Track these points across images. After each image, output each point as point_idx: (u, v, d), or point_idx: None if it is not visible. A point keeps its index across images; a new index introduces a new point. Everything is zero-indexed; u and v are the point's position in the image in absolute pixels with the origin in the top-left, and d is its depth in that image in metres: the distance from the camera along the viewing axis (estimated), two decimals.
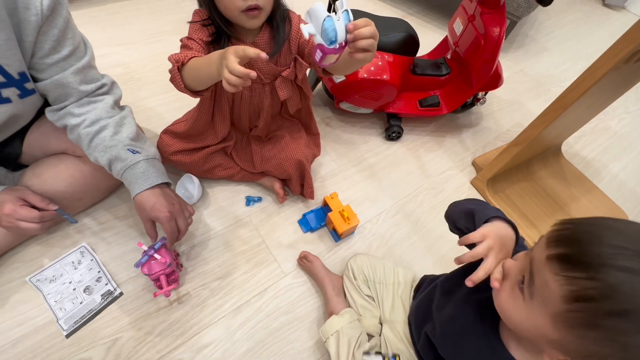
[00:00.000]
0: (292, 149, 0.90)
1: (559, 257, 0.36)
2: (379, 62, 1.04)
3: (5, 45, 0.58)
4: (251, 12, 0.64)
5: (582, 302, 0.33)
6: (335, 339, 0.71)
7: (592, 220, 0.37)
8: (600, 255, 0.34)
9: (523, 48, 1.77)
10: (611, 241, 0.34)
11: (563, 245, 0.36)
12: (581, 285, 0.33)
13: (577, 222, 0.38)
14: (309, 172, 0.91)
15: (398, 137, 1.21)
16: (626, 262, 0.33)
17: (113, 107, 0.73)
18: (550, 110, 0.84)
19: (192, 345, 0.75)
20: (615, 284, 0.32)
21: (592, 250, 0.34)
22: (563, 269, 0.35)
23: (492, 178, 1.09)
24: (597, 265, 0.33)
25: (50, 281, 0.78)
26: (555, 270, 0.35)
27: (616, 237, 0.34)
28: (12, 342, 0.70)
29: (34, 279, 0.77)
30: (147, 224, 0.70)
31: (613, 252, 0.33)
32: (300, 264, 0.87)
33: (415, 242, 0.98)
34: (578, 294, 0.34)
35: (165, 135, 0.87)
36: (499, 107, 1.43)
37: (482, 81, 1.06)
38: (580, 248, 0.35)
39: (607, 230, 0.35)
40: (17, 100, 0.65)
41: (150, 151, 0.74)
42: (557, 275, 0.35)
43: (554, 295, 0.35)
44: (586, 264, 0.34)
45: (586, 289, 0.33)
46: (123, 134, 0.71)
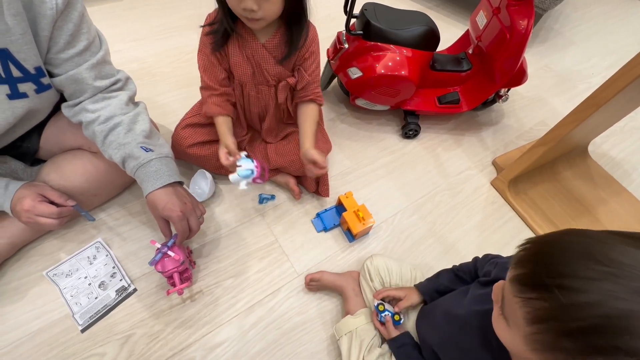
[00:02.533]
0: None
1: (516, 278, 0.36)
2: (397, 57, 1.00)
3: (22, 40, 0.58)
4: (250, 20, 0.65)
5: (539, 324, 0.33)
6: (349, 338, 0.70)
7: (550, 237, 0.36)
8: (550, 275, 0.33)
9: (548, 42, 1.70)
10: (562, 259, 0.33)
11: (520, 266, 0.36)
12: (534, 306, 0.33)
13: (535, 241, 0.37)
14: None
15: (415, 135, 1.17)
16: (572, 283, 0.31)
17: (127, 104, 0.72)
18: (581, 109, 0.79)
19: (205, 343, 0.74)
20: (565, 304, 0.31)
21: (542, 269, 0.34)
22: (519, 290, 0.35)
23: (514, 179, 1.04)
24: (546, 285, 0.32)
25: (66, 276, 0.78)
26: (514, 292, 0.35)
27: (567, 255, 0.33)
28: (30, 334, 0.71)
29: (51, 273, 0.78)
30: (160, 222, 0.70)
31: (562, 271, 0.32)
32: (310, 288, 0.83)
33: (432, 245, 0.95)
34: (534, 315, 0.33)
35: (182, 128, 0.87)
36: (521, 104, 1.37)
37: (506, 77, 1.01)
38: (532, 268, 0.35)
39: (559, 248, 0.34)
40: (33, 95, 0.66)
41: (163, 149, 0.73)
42: (515, 297, 0.35)
43: (518, 318, 0.35)
44: (537, 284, 0.33)
45: (538, 309, 0.33)
46: (137, 131, 0.70)
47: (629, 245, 0.32)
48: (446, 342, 0.57)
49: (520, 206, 1.04)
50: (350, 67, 1.03)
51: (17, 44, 0.58)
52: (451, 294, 0.64)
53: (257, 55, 0.75)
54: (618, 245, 0.32)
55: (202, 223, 0.74)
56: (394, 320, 0.68)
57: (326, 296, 0.83)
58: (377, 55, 1.00)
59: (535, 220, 1.02)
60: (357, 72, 1.02)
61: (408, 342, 0.66)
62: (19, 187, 0.68)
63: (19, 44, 0.58)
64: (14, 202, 0.67)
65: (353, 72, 1.03)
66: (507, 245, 0.98)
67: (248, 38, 0.73)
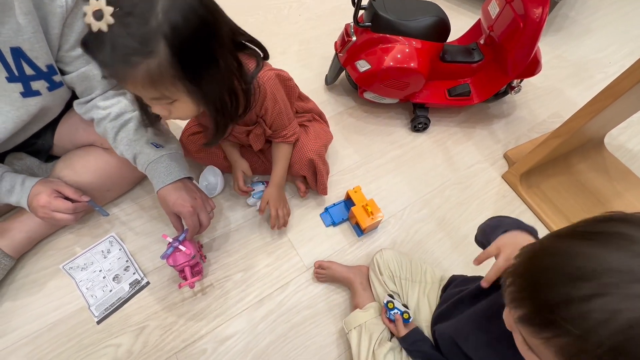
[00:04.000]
0: (301, 148, 0.85)
1: (523, 320, 0.34)
2: (406, 49, 0.98)
3: (34, 38, 0.59)
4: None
5: (575, 357, 0.30)
6: (358, 332, 0.71)
7: (525, 265, 0.35)
8: (550, 310, 0.31)
9: (563, 31, 1.64)
10: (549, 289, 0.31)
11: (519, 306, 0.34)
12: (558, 344, 0.31)
13: (518, 274, 0.35)
14: (320, 168, 0.87)
15: (424, 129, 1.16)
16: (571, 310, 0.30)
17: None
18: (598, 100, 0.77)
19: (216, 336, 0.76)
20: (580, 334, 0.29)
21: (540, 306, 0.32)
22: (534, 332, 0.33)
23: (526, 172, 1.02)
24: (554, 321, 0.30)
25: (81, 269, 0.80)
26: (531, 334, 0.33)
27: (551, 283, 0.32)
28: (48, 326, 0.74)
29: (67, 266, 0.80)
30: (171, 217, 0.71)
31: (556, 301, 0.31)
32: (318, 277, 0.84)
33: (441, 239, 0.95)
34: (564, 353, 0.31)
35: (187, 137, 0.87)
36: (534, 95, 1.34)
37: (519, 68, 0.98)
38: (531, 307, 0.33)
39: (540, 277, 0.33)
40: (46, 92, 0.67)
41: (173, 145, 0.74)
42: (534, 338, 0.33)
43: (551, 357, 0.32)
44: (545, 323, 0.31)
45: (564, 347, 0.30)
46: (147, 128, 0.71)
47: (590, 246, 0.31)
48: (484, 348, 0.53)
49: (533, 200, 1.02)
50: (359, 59, 1.02)
51: (29, 42, 0.59)
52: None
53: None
54: (580, 251, 0.31)
55: (212, 218, 0.75)
56: (404, 318, 0.67)
57: (335, 290, 0.84)
58: (385, 47, 0.99)
59: (548, 214, 1.00)
60: (366, 64, 1.01)
61: (419, 338, 0.65)
62: (35, 183, 0.70)
63: (31, 42, 0.59)
64: (30, 197, 0.68)
65: (361, 65, 1.02)
66: None
67: None
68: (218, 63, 0.53)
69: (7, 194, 0.67)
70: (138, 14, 0.44)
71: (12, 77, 0.61)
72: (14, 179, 0.69)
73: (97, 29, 0.44)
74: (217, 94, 0.57)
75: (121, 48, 0.45)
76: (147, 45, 0.45)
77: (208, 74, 0.53)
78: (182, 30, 0.46)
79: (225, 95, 0.59)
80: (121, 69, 0.48)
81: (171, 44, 0.46)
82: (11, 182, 0.68)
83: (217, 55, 0.53)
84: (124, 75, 0.49)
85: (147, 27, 0.45)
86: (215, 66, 0.53)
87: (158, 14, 0.45)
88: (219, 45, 0.53)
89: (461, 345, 0.55)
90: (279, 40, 1.35)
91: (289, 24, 1.42)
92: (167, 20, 0.45)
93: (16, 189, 0.68)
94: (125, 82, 0.50)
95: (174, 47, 0.46)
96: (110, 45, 0.45)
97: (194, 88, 0.52)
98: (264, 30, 1.38)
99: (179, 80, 0.50)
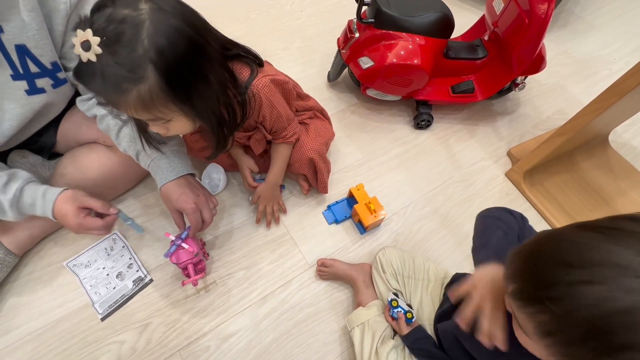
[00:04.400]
0: (300, 147, 0.84)
1: (513, 294, 0.36)
2: (409, 45, 0.97)
3: (38, 35, 0.59)
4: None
5: (548, 337, 0.33)
6: (361, 330, 0.71)
7: (528, 246, 0.37)
8: (537, 287, 0.33)
9: (567, 27, 1.62)
10: (544, 270, 0.33)
11: (512, 281, 0.37)
12: (538, 320, 0.33)
13: (518, 252, 0.37)
14: (320, 167, 0.86)
15: (427, 126, 1.15)
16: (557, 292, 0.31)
17: None
18: (604, 97, 0.76)
19: (219, 333, 0.76)
20: (559, 314, 0.31)
21: (530, 283, 0.34)
22: (520, 305, 0.35)
23: (529, 170, 1.02)
24: (539, 298, 0.33)
25: (85, 266, 0.81)
26: (517, 308, 0.36)
27: (547, 264, 0.33)
28: (52, 323, 0.74)
29: (71, 264, 0.80)
30: (174, 215, 0.71)
31: (546, 281, 0.33)
32: (321, 275, 0.84)
33: (444, 237, 0.94)
34: (541, 330, 0.33)
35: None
36: (538, 92, 1.33)
37: (523, 65, 0.97)
38: (522, 283, 0.35)
39: (539, 259, 0.34)
40: (50, 90, 0.67)
41: (176, 141, 0.74)
42: (520, 313, 0.35)
43: (532, 333, 0.35)
44: (531, 299, 0.34)
45: (542, 323, 0.33)
46: None
47: (600, 240, 0.32)
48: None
49: (536, 198, 1.02)
50: (362, 56, 1.01)
51: (33, 39, 0.59)
52: None
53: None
54: (588, 242, 0.32)
55: (214, 215, 0.75)
56: (407, 318, 0.67)
57: (337, 288, 0.84)
58: (388, 43, 0.98)
59: (552, 212, 1.00)
60: (369, 61, 1.00)
61: (422, 336, 0.65)
62: (57, 196, 0.66)
63: (36, 39, 0.59)
64: (57, 213, 0.66)
65: (364, 61, 1.01)
66: None
67: None
68: (208, 79, 0.53)
69: (30, 208, 0.65)
70: (125, 42, 0.44)
71: (17, 75, 0.61)
72: (34, 192, 0.65)
73: (87, 59, 0.44)
74: (211, 109, 0.56)
75: (111, 77, 0.45)
76: (135, 72, 0.45)
77: (199, 91, 0.52)
78: (169, 54, 0.46)
79: (221, 108, 0.59)
80: (113, 96, 0.48)
81: (159, 68, 0.46)
82: (32, 196, 0.65)
83: (207, 72, 0.52)
84: (116, 102, 0.50)
85: (134, 54, 0.45)
86: (205, 83, 0.53)
87: (144, 41, 0.45)
88: (208, 62, 0.52)
89: (463, 343, 0.55)
90: (281, 36, 1.34)
91: (291, 20, 1.41)
92: (153, 45, 0.45)
93: (38, 203, 0.65)
94: (119, 107, 0.51)
95: (162, 71, 0.46)
96: (100, 74, 0.45)
97: (187, 107, 0.52)
98: (266, 26, 1.37)
99: (171, 102, 0.50)
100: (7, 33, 0.56)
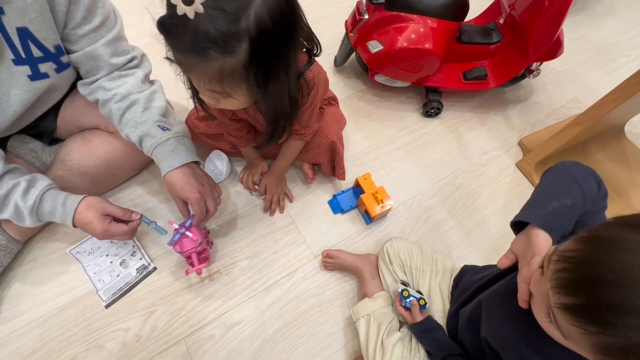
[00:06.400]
0: (321, 131, 0.83)
1: (568, 307, 0.32)
2: (420, 28, 0.93)
3: (41, 18, 0.56)
4: None
5: (608, 355, 0.30)
6: (366, 321, 0.70)
7: (592, 256, 0.31)
8: (611, 310, 0.29)
9: (585, 11, 1.55)
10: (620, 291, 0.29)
11: (567, 294, 0.32)
12: (600, 340, 0.30)
13: (577, 263, 0.32)
14: (340, 152, 0.85)
15: (437, 114, 1.12)
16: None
17: (143, 82, 0.71)
18: (626, 86, 0.72)
19: (223, 321, 0.76)
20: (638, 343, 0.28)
21: (598, 302, 0.30)
22: (575, 320, 0.31)
23: (541, 160, 0.99)
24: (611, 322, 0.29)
25: (88, 254, 0.80)
26: (570, 321, 0.32)
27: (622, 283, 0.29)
28: (57, 309, 0.74)
29: (74, 251, 0.80)
30: (178, 203, 0.70)
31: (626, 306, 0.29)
32: (326, 265, 0.83)
33: (452, 228, 0.93)
34: (601, 347, 0.30)
35: (193, 119, 0.85)
36: (552, 79, 1.28)
37: (540, 50, 0.93)
38: (585, 300, 0.30)
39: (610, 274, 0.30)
40: (54, 75, 0.65)
41: (180, 128, 0.72)
42: (572, 325, 0.31)
43: (581, 343, 0.32)
44: (598, 320, 0.30)
45: (606, 344, 0.29)
46: (153, 109, 0.69)
47: None
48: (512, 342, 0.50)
49: None
50: (370, 40, 0.97)
51: (36, 22, 0.56)
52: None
53: (248, 112, 0.71)
54: None
55: (219, 204, 0.74)
56: (420, 305, 0.66)
57: (342, 278, 0.83)
58: (399, 26, 0.94)
59: None
60: (378, 45, 0.96)
61: (433, 325, 0.65)
62: (77, 204, 0.65)
63: (38, 21, 0.56)
64: (79, 224, 0.66)
65: (373, 45, 0.97)
66: None
67: None
68: (290, 67, 0.52)
69: (50, 215, 0.65)
70: (231, 10, 0.42)
71: (19, 59, 0.59)
72: (54, 200, 0.65)
73: (183, 12, 0.41)
74: (280, 97, 0.55)
75: (202, 40, 0.43)
76: (229, 44, 0.43)
77: (278, 79, 0.51)
78: (268, 35, 0.44)
79: (286, 98, 0.57)
80: (194, 59, 0.46)
81: (253, 47, 0.44)
82: (52, 203, 0.64)
83: (291, 60, 0.51)
84: (194, 65, 0.47)
85: (236, 26, 0.43)
86: (286, 71, 0.52)
87: (250, 15, 0.43)
88: (294, 50, 0.52)
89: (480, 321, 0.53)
90: None
91: None
92: (256, 22, 0.43)
93: (58, 211, 0.64)
94: (192, 71, 0.49)
95: (254, 51, 0.45)
96: (192, 33, 0.43)
97: (259, 91, 0.51)
98: None
99: (246, 83, 0.49)
100: (8, 15, 0.54)
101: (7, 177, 0.62)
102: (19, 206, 0.62)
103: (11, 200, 0.62)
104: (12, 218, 0.63)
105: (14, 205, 0.62)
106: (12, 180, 0.62)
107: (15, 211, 0.62)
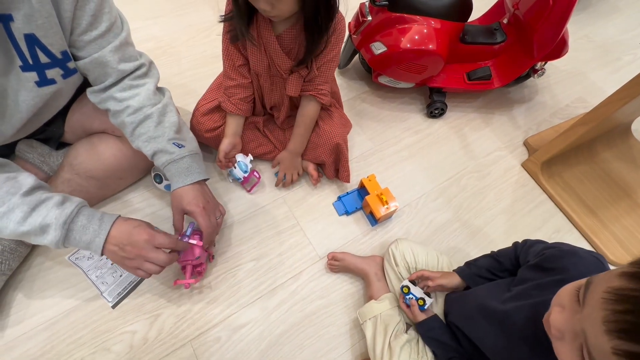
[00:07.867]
0: (328, 132, 0.84)
1: (632, 356, 0.27)
2: (424, 29, 0.93)
3: (47, 23, 0.56)
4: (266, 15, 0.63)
5: None
6: (373, 323, 0.70)
7: None
8: None
9: (589, 9, 1.55)
10: None
11: (633, 340, 0.26)
12: None
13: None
14: (345, 155, 0.86)
15: (441, 114, 1.12)
16: None
17: (155, 93, 0.71)
18: (632, 85, 0.72)
19: (230, 324, 0.76)
20: None
21: None
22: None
23: (547, 160, 0.98)
24: None
25: (87, 258, 0.80)
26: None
27: None
28: (64, 312, 0.75)
29: (73, 257, 0.80)
30: (177, 216, 0.71)
31: None
32: (332, 268, 0.83)
33: (457, 229, 0.92)
34: None
35: (201, 115, 0.85)
36: (557, 79, 1.27)
37: (545, 50, 0.92)
38: None
39: None
40: (60, 80, 0.65)
41: (193, 145, 0.74)
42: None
43: None
44: None
45: None
46: (166, 124, 0.70)
47: None
48: (484, 338, 0.54)
49: (554, 189, 0.99)
50: (374, 41, 0.97)
51: (43, 28, 0.56)
52: (484, 286, 0.61)
53: (270, 47, 0.71)
54: None
55: (220, 224, 0.75)
56: (419, 305, 0.66)
57: (348, 280, 0.83)
58: (402, 28, 0.94)
59: (570, 204, 0.97)
60: (381, 47, 0.96)
61: (437, 325, 0.64)
62: (115, 218, 0.62)
63: (45, 27, 0.56)
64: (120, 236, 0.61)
65: (377, 47, 0.97)
66: (538, 230, 0.94)
67: (264, 27, 0.69)
68: None
69: (82, 229, 0.59)
70: None
71: (27, 65, 0.59)
72: (91, 215, 0.61)
73: None
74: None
75: None
76: None
77: None
78: None
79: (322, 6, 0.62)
80: None
81: None
82: (88, 217, 0.60)
83: None
84: None
85: None
86: None
87: None
88: None
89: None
90: None
91: None
92: None
93: (92, 225, 0.60)
94: None
95: None
96: None
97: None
98: None
99: None
100: (16, 22, 0.54)
101: (40, 190, 0.60)
102: (49, 216, 0.57)
103: (42, 209, 0.57)
104: (32, 230, 0.57)
105: (44, 214, 0.57)
106: (45, 193, 0.59)
107: (42, 220, 0.56)
